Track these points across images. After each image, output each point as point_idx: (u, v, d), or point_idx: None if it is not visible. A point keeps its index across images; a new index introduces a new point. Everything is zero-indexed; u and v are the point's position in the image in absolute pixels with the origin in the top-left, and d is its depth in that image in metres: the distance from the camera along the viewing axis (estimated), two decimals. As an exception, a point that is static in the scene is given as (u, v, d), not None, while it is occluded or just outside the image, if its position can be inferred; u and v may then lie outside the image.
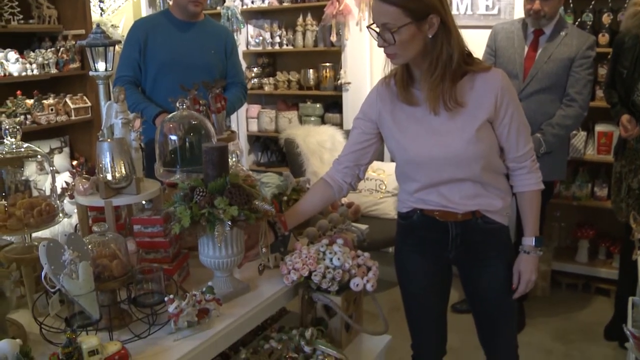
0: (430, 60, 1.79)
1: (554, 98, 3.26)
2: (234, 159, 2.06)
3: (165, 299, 1.61)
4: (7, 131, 1.79)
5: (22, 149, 1.82)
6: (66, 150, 4.71)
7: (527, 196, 1.99)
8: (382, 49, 1.83)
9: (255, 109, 5.40)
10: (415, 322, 2.18)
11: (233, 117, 5.21)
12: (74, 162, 4.64)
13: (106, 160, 1.87)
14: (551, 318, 3.78)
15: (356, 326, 2.04)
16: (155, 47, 3.20)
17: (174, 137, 2.01)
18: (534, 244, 2.00)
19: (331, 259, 1.93)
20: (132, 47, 3.22)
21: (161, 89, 3.16)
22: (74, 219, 3.10)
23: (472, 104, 1.83)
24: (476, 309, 2.14)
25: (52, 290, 1.52)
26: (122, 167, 1.88)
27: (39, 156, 1.90)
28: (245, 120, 5.42)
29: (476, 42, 1.56)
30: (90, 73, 2.17)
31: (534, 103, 3.23)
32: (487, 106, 1.83)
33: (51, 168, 1.95)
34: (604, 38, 3.78)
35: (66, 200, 3.05)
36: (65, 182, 3.42)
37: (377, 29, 1.79)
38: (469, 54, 1.86)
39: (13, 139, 1.79)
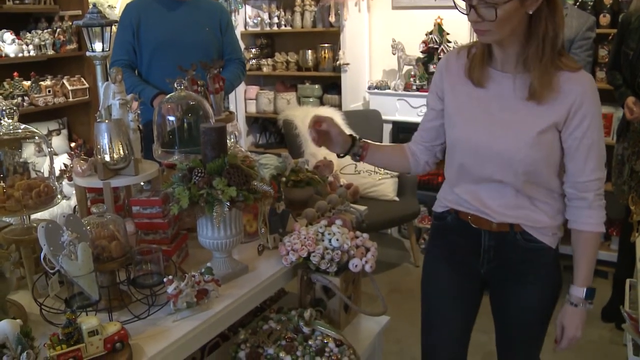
0: (535, 41, 1.58)
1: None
2: (232, 140, 2.06)
3: (164, 280, 1.61)
4: (4, 112, 1.78)
5: (20, 130, 1.81)
6: (64, 132, 4.70)
7: (584, 237, 1.72)
8: (466, 16, 1.60)
9: (253, 90, 5.38)
10: (431, 333, 1.98)
11: (231, 98, 5.20)
12: (72, 144, 4.64)
13: (104, 141, 1.87)
14: (549, 299, 3.79)
15: (355, 307, 2.05)
16: (149, 28, 3.16)
17: (172, 118, 2.00)
18: (584, 296, 1.73)
19: (330, 240, 1.93)
20: (125, 30, 3.19)
21: (157, 70, 3.15)
22: (73, 201, 3.10)
23: (546, 103, 1.62)
24: (500, 332, 1.95)
25: (52, 271, 1.52)
26: (120, 148, 1.87)
27: (36, 138, 1.89)
28: (244, 101, 5.40)
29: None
30: (87, 53, 2.15)
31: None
32: (560, 109, 1.61)
33: (49, 149, 1.94)
34: (605, 19, 3.76)
35: (65, 182, 3.05)
36: (64, 164, 3.42)
37: (474, 2, 1.54)
38: (563, 46, 1.65)
39: (10, 120, 1.78)
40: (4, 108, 1.78)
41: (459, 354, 1.96)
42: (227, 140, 1.82)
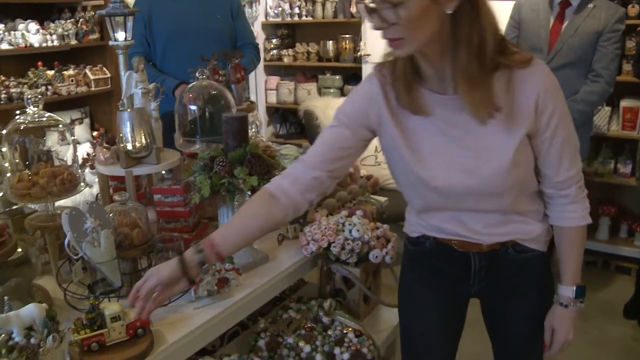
0: (461, 48, 1.30)
1: (579, 73, 3.16)
2: (253, 130, 2.06)
3: (186, 267, 1.62)
4: (29, 100, 1.80)
5: (44, 118, 1.83)
6: (86, 121, 4.74)
7: (568, 233, 1.52)
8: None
9: (274, 80, 5.38)
10: None
11: (252, 88, 5.21)
12: (94, 133, 4.68)
13: (126, 129, 1.88)
14: (569, 294, 3.76)
15: (374, 298, 2.05)
16: (160, 19, 3.16)
17: (193, 107, 2.01)
18: (574, 295, 1.55)
19: (350, 231, 1.93)
20: (137, 23, 3.18)
21: (171, 60, 3.15)
22: (95, 189, 3.13)
23: (507, 113, 1.37)
24: (499, 347, 1.74)
25: (75, 257, 1.54)
26: (142, 137, 1.89)
27: (60, 126, 1.91)
28: (264, 91, 5.41)
29: (498, 15, 1.35)
30: (110, 43, 2.16)
31: (558, 78, 3.15)
32: (526, 116, 1.36)
33: (72, 138, 1.96)
34: (634, 9, 3.68)
35: (87, 170, 3.08)
36: (86, 152, 3.45)
37: (373, 4, 1.26)
38: (502, 39, 1.36)
39: (35, 109, 1.80)
40: (29, 96, 1.80)
41: None
42: (249, 130, 1.82)
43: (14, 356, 1.17)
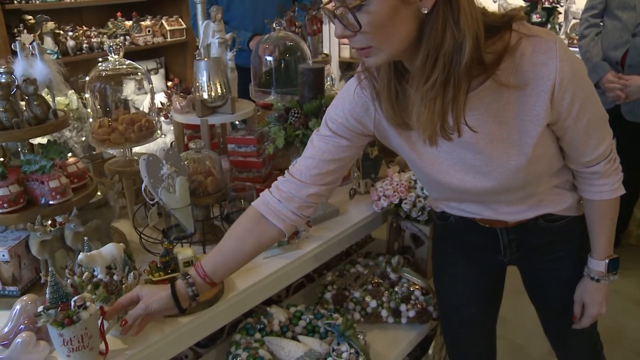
0: (425, 54, 1.07)
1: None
2: (328, 82, 2.04)
3: (257, 217, 1.63)
4: (111, 48, 1.84)
5: (124, 66, 1.87)
6: (161, 71, 4.83)
7: (598, 206, 1.41)
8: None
9: (348, 35, 5.32)
10: (456, 342, 1.75)
11: (325, 41, 5.17)
12: (169, 83, 4.76)
13: (203, 78, 1.90)
14: (644, 268, 3.61)
15: (442, 257, 2.02)
16: None
17: (269, 58, 2.00)
18: (606, 269, 1.46)
19: (422, 188, 1.90)
20: None
21: (236, 11, 3.11)
22: (168, 138, 3.20)
23: (518, 114, 1.20)
24: (540, 311, 1.69)
25: (151, 202, 1.58)
26: (218, 86, 1.90)
27: (139, 74, 1.95)
28: (338, 45, 5.36)
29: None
30: (188, -8, 2.17)
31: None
32: (542, 111, 1.18)
33: (150, 85, 1.99)
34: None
35: (161, 119, 3.14)
36: (161, 102, 3.51)
37: (332, 8, 1.06)
38: (493, 27, 1.11)
39: (116, 56, 1.84)
40: (111, 45, 1.84)
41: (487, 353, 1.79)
42: (324, 82, 1.80)
43: (100, 292, 1.21)
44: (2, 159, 1.48)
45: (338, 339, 1.66)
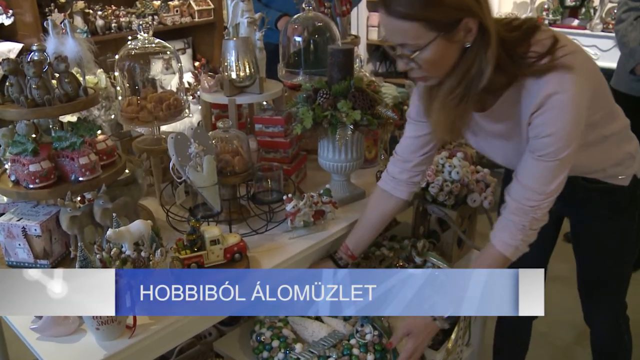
0: (455, 75, 1.30)
1: None
2: (358, 64, 2.02)
3: (284, 197, 1.64)
4: (140, 26, 1.84)
5: (154, 44, 1.87)
6: (189, 51, 4.83)
7: (487, 249, 1.49)
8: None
9: (376, 16, 5.27)
10: None
11: (353, 24, 5.14)
12: (196, 64, 4.77)
13: (231, 58, 1.89)
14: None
15: (469, 242, 2.01)
16: None
17: (298, 39, 1.99)
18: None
19: (450, 172, 1.89)
20: None
21: None
22: (195, 119, 3.21)
23: (515, 124, 1.40)
24: (581, 270, 1.83)
25: (179, 180, 1.59)
26: (247, 66, 1.90)
27: (168, 52, 1.95)
28: (366, 28, 5.33)
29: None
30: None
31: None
32: (525, 126, 1.36)
33: (178, 64, 1.99)
34: None
35: (189, 99, 3.16)
36: (188, 82, 3.53)
37: (395, 49, 1.31)
38: (524, 52, 1.31)
39: (145, 35, 1.84)
40: (140, 23, 1.85)
41: None
42: (354, 64, 1.79)
43: (127, 268, 1.23)
44: (34, 136, 1.50)
45: (362, 320, 1.66)
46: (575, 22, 4.69)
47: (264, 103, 2.04)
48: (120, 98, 1.90)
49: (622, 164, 1.59)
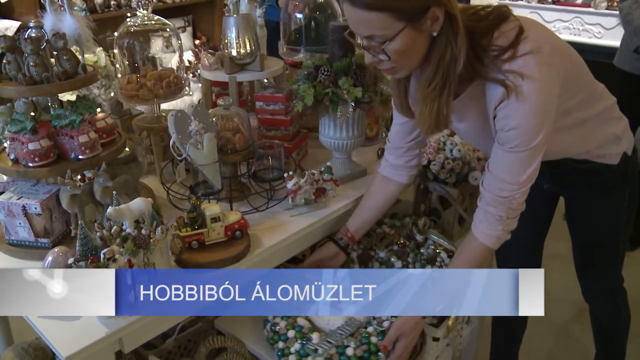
0: (430, 65, 1.30)
1: None
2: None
3: (285, 175, 1.63)
4: (139, 3, 1.82)
5: (153, 21, 1.86)
6: (189, 29, 4.81)
7: (469, 239, 1.52)
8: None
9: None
10: (507, 262, 1.91)
11: None
12: (196, 42, 4.74)
13: (232, 35, 1.88)
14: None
15: (470, 220, 2.00)
16: None
17: (299, 16, 1.98)
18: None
19: (451, 150, 1.88)
20: None
21: None
22: (195, 97, 3.20)
23: (482, 117, 1.40)
24: (576, 246, 1.88)
25: (179, 158, 1.58)
26: (247, 43, 1.88)
27: (168, 30, 1.93)
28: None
29: None
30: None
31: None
32: (491, 120, 1.37)
33: (179, 42, 1.98)
34: None
35: (189, 78, 3.14)
36: (188, 60, 3.50)
37: (361, 41, 1.30)
38: (485, 48, 1.31)
39: (145, 11, 1.83)
40: (140, 0, 1.83)
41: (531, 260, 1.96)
42: (355, 40, 1.78)
43: (128, 245, 1.23)
44: (32, 114, 1.49)
45: None
46: (579, 0, 4.66)
47: (265, 80, 2.03)
48: (119, 76, 1.88)
49: (604, 146, 1.59)
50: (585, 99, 1.50)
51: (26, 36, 1.45)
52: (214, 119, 1.65)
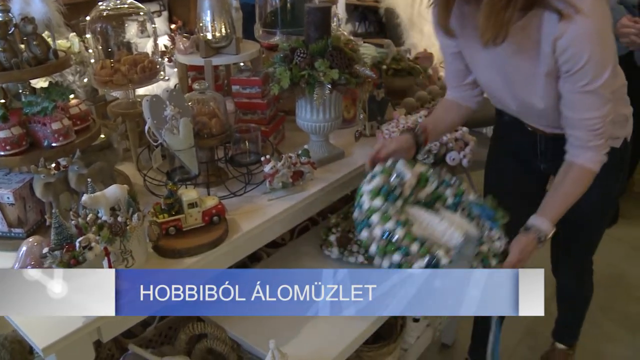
0: None
1: None
2: (335, 23, 1.99)
3: (262, 159, 1.62)
4: (111, -13, 1.79)
5: (126, 5, 1.82)
6: (164, 14, 4.75)
7: (572, 169, 1.54)
8: None
9: (354, -24, 5.19)
10: None
11: (332, -17, 5.05)
12: (172, 26, 4.68)
13: (207, 18, 1.86)
14: (648, 216, 3.60)
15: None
16: None
17: (274, -3, 1.96)
18: (551, 236, 1.57)
19: (428, 131, 1.88)
20: None
21: None
22: (172, 83, 3.16)
23: (528, 49, 1.43)
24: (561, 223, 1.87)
25: (155, 144, 1.57)
26: (223, 26, 1.86)
27: (141, 14, 1.90)
28: (344, -13, 5.24)
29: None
30: None
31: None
32: (544, 55, 1.40)
33: (153, 26, 1.95)
34: None
35: (165, 63, 3.10)
36: (164, 45, 3.45)
37: None
38: None
39: (117, -5, 1.80)
40: (111, -17, 1.79)
41: None
42: (331, 23, 1.76)
43: (104, 233, 1.21)
44: (3, 101, 1.46)
45: (492, 224, 1.56)
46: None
47: (241, 64, 2.01)
48: (93, 61, 1.85)
49: (614, 125, 1.59)
50: (615, 66, 1.49)
51: (-7, 21, 1.41)
52: (189, 104, 1.64)
